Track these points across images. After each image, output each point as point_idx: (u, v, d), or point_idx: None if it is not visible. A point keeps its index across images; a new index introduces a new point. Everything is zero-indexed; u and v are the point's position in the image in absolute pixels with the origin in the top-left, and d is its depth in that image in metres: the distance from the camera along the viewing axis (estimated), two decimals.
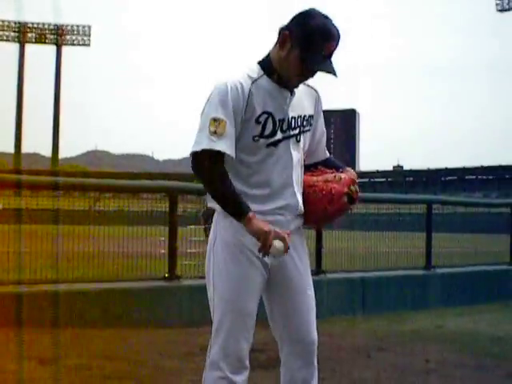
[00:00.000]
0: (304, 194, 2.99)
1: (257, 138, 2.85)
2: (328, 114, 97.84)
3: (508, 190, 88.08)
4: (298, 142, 2.96)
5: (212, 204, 2.95)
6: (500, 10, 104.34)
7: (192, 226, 9.12)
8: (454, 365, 5.83)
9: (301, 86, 2.96)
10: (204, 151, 2.79)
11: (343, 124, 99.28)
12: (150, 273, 7.89)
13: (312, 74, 2.91)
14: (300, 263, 3.02)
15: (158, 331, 6.84)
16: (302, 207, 2.98)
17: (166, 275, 7.61)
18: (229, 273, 2.88)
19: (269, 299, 3.05)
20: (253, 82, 2.86)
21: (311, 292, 3.07)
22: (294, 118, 2.94)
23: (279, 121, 2.88)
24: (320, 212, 2.99)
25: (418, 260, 10.29)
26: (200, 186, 3.05)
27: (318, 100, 3.09)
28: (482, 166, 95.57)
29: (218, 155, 2.79)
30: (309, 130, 3.04)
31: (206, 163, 2.82)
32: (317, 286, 3.10)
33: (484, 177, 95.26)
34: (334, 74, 2.85)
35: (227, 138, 2.78)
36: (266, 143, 2.86)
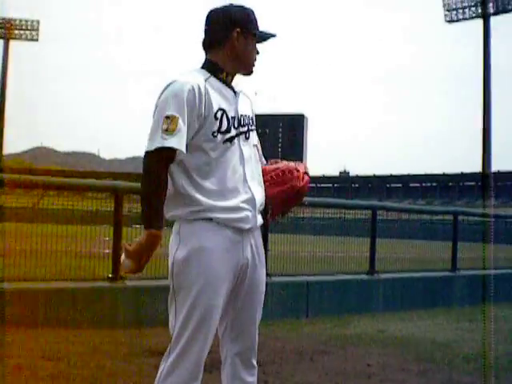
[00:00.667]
0: (267, 182, 3.09)
1: (215, 134, 2.90)
2: (276, 119, 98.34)
3: (451, 198, 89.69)
4: (248, 138, 3.05)
5: (173, 213, 2.96)
6: (448, 21, 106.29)
7: (137, 226, 9.04)
8: (395, 369, 5.89)
9: (237, 90, 3.09)
10: (156, 150, 2.81)
11: (291, 129, 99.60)
12: (94, 273, 7.79)
13: (258, 52, 3.14)
14: (260, 266, 3.08)
15: (101, 332, 6.76)
16: (260, 202, 3.03)
17: (110, 275, 7.52)
18: (195, 277, 2.87)
19: (232, 300, 3.03)
20: (205, 80, 2.95)
21: (263, 296, 3.12)
22: (243, 115, 3.05)
23: (232, 118, 2.97)
24: (288, 190, 3.11)
25: (361, 265, 10.38)
26: None
27: (252, 105, 3.22)
28: (425, 174, 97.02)
29: (170, 152, 2.82)
30: (255, 130, 3.13)
31: (156, 164, 2.83)
32: None
33: (428, 184, 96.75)
34: (274, 35, 3.15)
35: (179, 134, 2.81)
36: (223, 139, 2.92)
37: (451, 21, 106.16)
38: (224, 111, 2.94)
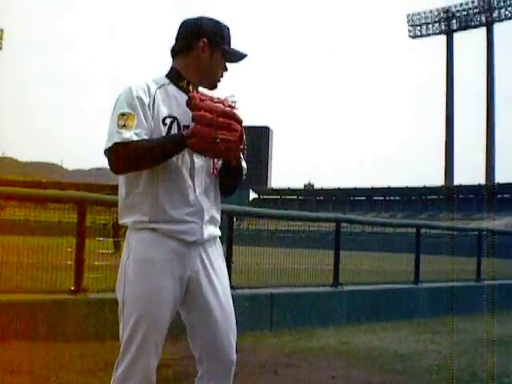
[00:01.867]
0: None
1: None
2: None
3: (414, 211, 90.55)
4: None
5: (124, 220, 2.93)
6: (412, 37, 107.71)
7: (100, 238, 8.97)
8: (359, 381, 5.91)
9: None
10: (115, 144, 2.75)
11: (256, 141, 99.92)
12: (56, 285, 7.70)
13: (226, 69, 3.08)
14: (217, 279, 2.99)
15: (63, 345, 6.67)
16: (210, 214, 2.96)
17: (72, 288, 7.43)
18: (140, 288, 2.84)
19: (188, 316, 3.01)
20: (159, 87, 2.92)
21: (230, 309, 3.04)
22: None
23: (184, 126, 2.88)
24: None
25: (326, 277, 10.40)
26: (109, 197, 3.03)
27: None
28: (389, 187, 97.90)
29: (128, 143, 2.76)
30: None
31: (118, 154, 2.76)
32: None
33: (391, 198, 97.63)
34: (245, 55, 3.07)
35: (137, 127, 2.78)
36: None
37: (415, 36, 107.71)
38: (175, 119, 2.89)
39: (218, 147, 2.77)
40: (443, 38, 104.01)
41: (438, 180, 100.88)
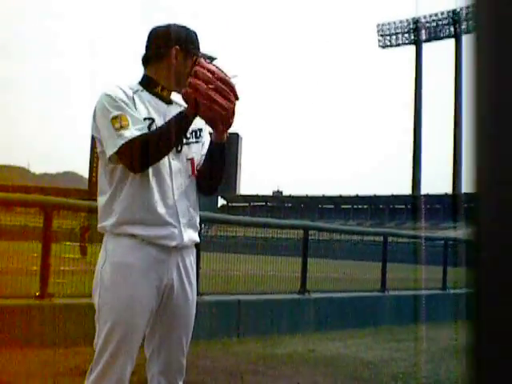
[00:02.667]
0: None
1: None
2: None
3: (381, 219, 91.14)
4: (179, 152, 2.98)
5: (103, 224, 2.92)
6: (382, 47, 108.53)
7: (67, 243, 8.90)
8: None
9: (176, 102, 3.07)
10: (122, 147, 2.78)
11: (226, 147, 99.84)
12: (21, 290, 7.60)
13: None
14: (189, 288, 3.02)
15: (28, 351, 6.58)
16: (188, 217, 2.97)
17: (37, 293, 7.35)
18: (116, 294, 2.84)
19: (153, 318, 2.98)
20: (134, 92, 2.95)
21: (193, 317, 3.07)
22: None
23: None
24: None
25: (293, 284, 10.42)
26: (76, 202, 3.04)
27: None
28: (357, 196, 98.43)
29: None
30: (196, 142, 3.09)
31: (131, 153, 2.80)
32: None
33: (359, 206, 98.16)
34: (215, 58, 3.06)
35: (134, 124, 2.82)
36: None
37: (384, 46, 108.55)
38: (153, 121, 2.91)
39: (212, 107, 2.79)
40: (413, 48, 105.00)
41: (405, 189, 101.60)
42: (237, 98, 2.86)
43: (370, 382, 6.33)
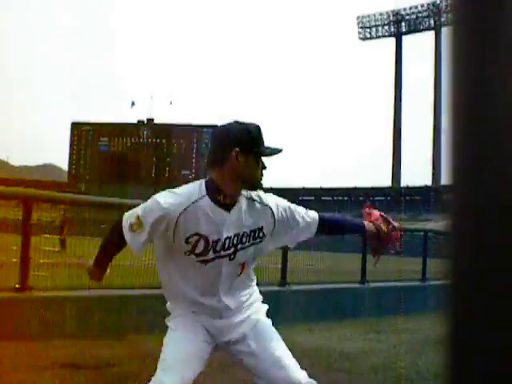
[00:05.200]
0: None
1: (188, 253, 3.14)
2: (193, 129, 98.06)
3: (361, 212, 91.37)
4: (232, 260, 3.19)
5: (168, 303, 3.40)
6: (362, 39, 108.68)
7: (47, 236, 8.84)
8: None
9: (248, 203, 3.24)
10: (119, 223, 3.21)
11: (207, 139, 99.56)
12: (0, 283, 7.55)
13: (265, 167, 3.24)
14: (255, 345, 3.42)
15: (8, 344, 6.55)
16: (238, 305, 3.36)
17: (17, 286, 7.31)
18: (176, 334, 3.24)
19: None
20: (189, 205, 3.09)
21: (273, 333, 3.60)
22: (230, 238, 3.16)
23: (213, 242, 3.13)
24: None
25: (273, 276, 10.42)
26: (56, 194, 3.10)
27: (273, 213, 3.32)
28: (338, 188, 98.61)
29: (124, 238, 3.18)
30: (254, 244, 3.26)
31: (116, 230, 3.23)
32: None
33: (339, 197, 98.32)
34: (280, 150, 3.22)
35: (136, 235, 3.12)
36: (196, 260, 3.14)
37: (365, 38, 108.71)
38: (201, 236, 3.10)
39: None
40: (393, 40, 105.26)
41: (385, 181, 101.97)
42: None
43: (350, 373, 6.36)
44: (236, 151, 3.06)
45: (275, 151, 3.19)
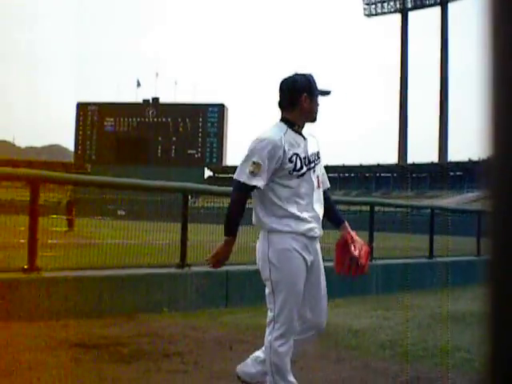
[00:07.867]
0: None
1: (291, 172, 4.15)
2: (196, 108, 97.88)
3: (368, 189, 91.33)
4: (314, 172, 4.28)
5: (263, 221, 4.29)
6: (367, 15, 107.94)
7: (54, 216, 8.87)
8: (314, 357, 5.96)
9: (306, 135, 4.32)
10: (243, 183, 4.12)
11: (211, 118, 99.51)
12: (9, 264, 7.59)
13: (319, 104, 4.36)
14: (321, 264, 4.49)
15: (17, 324, 6.60)
16: (321, 218, 4.33)
17: (26, 266, 7.34)
18: (285, 269, 4.16)
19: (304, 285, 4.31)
20: (283, 134, 4.16)
21: (324, 277, 4.58)
22: (310, 155, 4.25)
23: (304, 158, 4.20)
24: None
25: None
26: (62, 175, 3.04)
27: (318, 142, 4.44)
28: (343, 165, 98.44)
29: (251, 186, 4.11)
30: (317, 162, 4.33)
31: (239, 191, 4.22)
32: (181, 279, 3.10)
33: (345, 175, 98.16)
34: (330, 91, 4.40)
35: (260, 176, 4.09)
36: (297, 175, 4.17)
37: (370, 15, 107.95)
38: (297, 155, 4.16)
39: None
40: (398, 16, 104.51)
41: (391, 158, 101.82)
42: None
43: (358, 350, 6.38)
44: (304, 96, 4.20)
45: (328, 92, 4.35)
